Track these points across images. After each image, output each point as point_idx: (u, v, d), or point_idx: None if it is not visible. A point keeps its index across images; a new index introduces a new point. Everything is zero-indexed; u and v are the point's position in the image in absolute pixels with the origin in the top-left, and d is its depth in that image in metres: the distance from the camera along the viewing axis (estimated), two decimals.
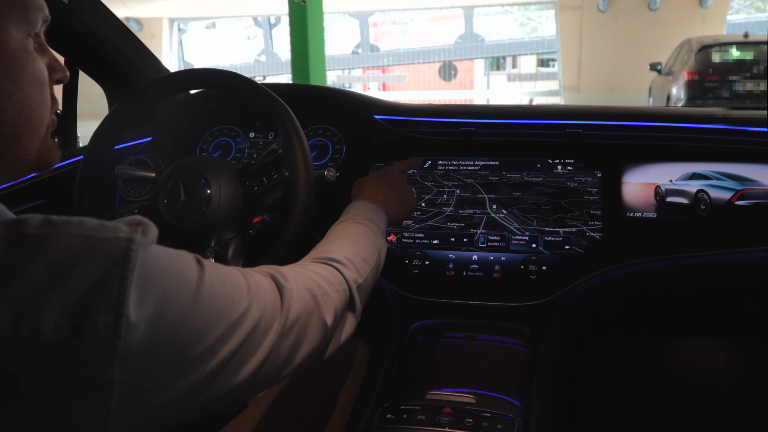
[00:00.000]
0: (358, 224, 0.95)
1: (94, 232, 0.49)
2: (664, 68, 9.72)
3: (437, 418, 0.93)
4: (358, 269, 0.84)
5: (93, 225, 0.50)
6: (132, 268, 0.48)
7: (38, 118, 0.60)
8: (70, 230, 0.49)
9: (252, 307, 0.60)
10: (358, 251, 0.87)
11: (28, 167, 0.62)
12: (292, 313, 0.66)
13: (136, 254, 0.49)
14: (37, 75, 0.60)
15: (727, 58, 8.33)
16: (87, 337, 0.45)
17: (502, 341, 1.14)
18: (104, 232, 0.50)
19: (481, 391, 0.99)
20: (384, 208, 1.02)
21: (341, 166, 1.36)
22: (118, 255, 0.48)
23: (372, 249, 0.91)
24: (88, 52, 1.41)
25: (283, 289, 0.67)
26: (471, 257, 1.25)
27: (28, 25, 0.60)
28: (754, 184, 1.22)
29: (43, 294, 0.45)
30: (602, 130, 1.32)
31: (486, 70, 26.49)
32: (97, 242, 0.49)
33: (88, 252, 0.48)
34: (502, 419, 0.93)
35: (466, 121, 1.37)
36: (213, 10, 19.31)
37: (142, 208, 1.15)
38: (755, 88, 7.97)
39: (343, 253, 0.84)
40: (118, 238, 0.49)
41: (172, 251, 0.55)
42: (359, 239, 0.91)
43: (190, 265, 0.56)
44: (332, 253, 0.84)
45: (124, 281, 0.47)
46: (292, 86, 1.63)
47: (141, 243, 0.50)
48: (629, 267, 1.21)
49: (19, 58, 0.58)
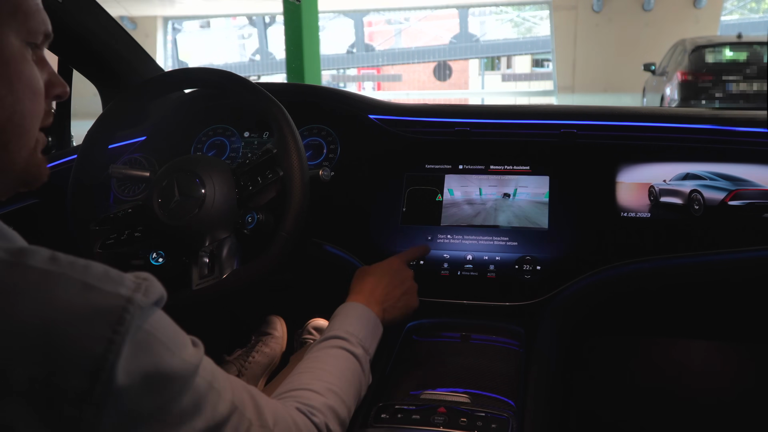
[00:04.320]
0: (348, 356, 0.89)
1: (96, 282, 0.48)
2: (658, 68, 9.76)
3: (432, 417, 0.93)
4: (340, 421, 0.79)
5: (97, 273, 0.48)
6: (123, 332, 0.46)
7: (28, 126, 0.59)
8: (73, 274, 0.47)
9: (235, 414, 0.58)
10: (342, 398, 0.81)
11: (15, 179, 0.60)
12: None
13: (132, 318, 0.47)
14: (32, 83, 0.60)
15: (720, 59, 8.37)
16: (57, 398, 0.44)
17: (497, 341, 1.14)
18: (106, 283, 0.48)
19: (476, 390, 0.99)
20: (380, 311, 1.00)
21: (336, 166, 1.36)
22: (113, 315, 0.46)
23: (356, 392, 0.86)
24: (82, 51, 1.41)
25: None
26: (465, 257, 1.25)
27: (28, 34, 0.60)
28: (748, 184, 1.23)
29: (26, 335, 0.44)
30: (596, 130, 1.32)
31: (481, 70, 26.53)
32: (96, 295, 0.47)
33: (84, 303, 0.46)
34: (497, 419, 0.93)
35: (460, 121, 1.37)
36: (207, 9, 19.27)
37: (136, 208, 1.15)
38: (749, 88, 8.01)
39: (325, 400, 0.78)
40: (118, 296, 0.48)
41: (173, 325, 0.53)
42: (348, 381, 0.85)
43: (186, 343, 0.54)
44: (312, 400, 0.77)
45: (111, 345, 0.45)
46: (287, 86, 1.63)
47: (140, 305, 0.48)
48: (623, 267, 1.22)
49: (15, 64, 0.58)
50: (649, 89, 10.36)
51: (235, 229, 1.10)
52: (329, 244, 1.32)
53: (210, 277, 1.05)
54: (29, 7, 0.60)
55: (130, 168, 1.23)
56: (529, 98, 19.02)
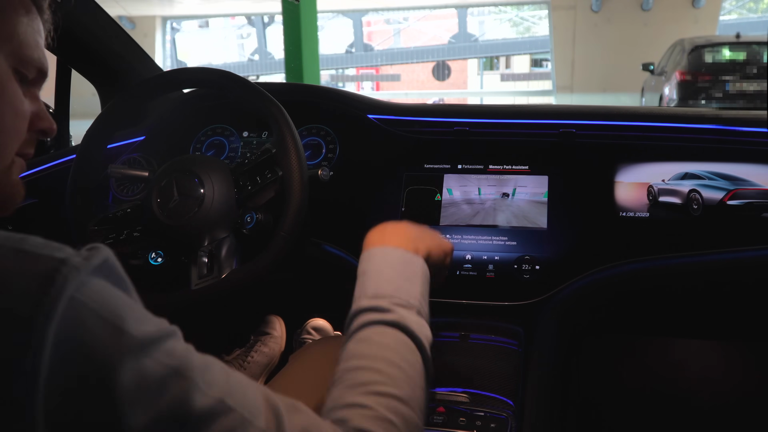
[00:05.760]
0: (395, 332, 0.68)
1: (31, 248, 0.44)
2: (657, 68, 9.77)
3: (431, 417, 0.93)
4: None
5: (36, 242, 0.45)
6: (55, 294, 0.41)
7: (4, 142, 0.59)
8: (6, 243, 0.44)
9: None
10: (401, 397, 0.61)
11: None
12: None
13: (66, 280, 0.42)
14: (14, 103, 0.60)
15: (719, 59, 8.38)
16: None
17: (496, 340, 1.14)
18: (43, 249, 0.44)
19: (475, 390, 0.99)
20: (417, 250, 0.80)
21: (335, 166, 1.36)
22: (44, 277, 0.42)
23: (414, 382, 0.65)
24: (81, 51, 1.41)
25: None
26: (464, 257, 1.25)
27: (19, 62, 0.61)
28: (746, 183, 1.23)
29: None
30: (595, 129, 1.32)
31: (479, 70, 26.55)
32: (29, 258, 0.43)
33: (14, 268, 0.42)
34: (496, 418, 0.93)
35: (459, 121, 1.37)
36: (206, 9, 19.26)
37: (135, 208, 1.15)
38: (747, 88, 8.01)
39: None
40: (52, 258, 0.43)
41: (122, 297, 0.46)
42: (403, 371, 0.64)
43: (137, 318, 0.46)
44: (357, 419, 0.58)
45: (39, 306, 0.41)
46: (286, 85, 1.63)
47: (76, 266, 0.43)
48: (622, 266, 1.22)
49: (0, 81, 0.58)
50: (647, 89, 10.37)
51: (234, 228, 1.10)
52: (328, 244, 1.32)
53: (209, 277, 1.05)
54: (27, 39, 0.61)
55: (129, 168, 1.23)
56: (528, 98, 19.03)
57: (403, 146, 1.37)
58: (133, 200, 1.21)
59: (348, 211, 1.34)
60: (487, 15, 24.53)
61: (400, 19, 25.16)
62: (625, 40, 14.74)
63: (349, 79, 26.14)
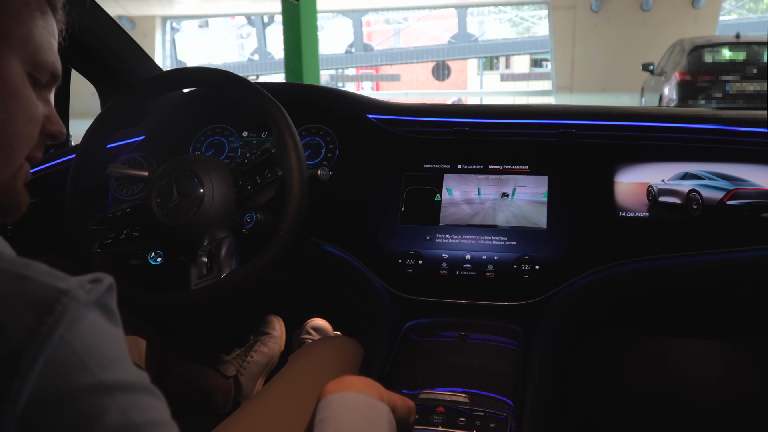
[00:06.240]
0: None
1: (34, 275, 0.43)
2: (657, 68, 9.77)
3: (430, 417, 0.93)
4: None
5: (40, 268, 0.43)
6: (52, 324, 0.40)
7: (16, 147, 0.59)
8: (11, 267, 0.43)
9: None
10: None
11: None
12: None
13: (66, 309, 0.41)
14: (28, 107, 0.60)
15: (719, 59, 8.38)
16: None
17: (496, 340, 1.14)
18: (46, 277, 0.43)
19: (474, 390, 0.99)
20: (377, 395, 0.67)
21: (334, 166, 1.36)
22: (43, 306, 0.41)
23: None
24: (81, 51, 1.40)
25: None
26: (464, 257, 1.25)
27: (33, 66, 0.60)
28: (746, 183, 1.23)
29: None
30: (595, 129, 1.32)
31: (479, 70, 26.55)
32: (30, 285, 0.42)
33: (14, 293, 0.41)
34: (495, 418, 0.93)
35: (459, 121, 1.37)
36: (206, 8, 19.27)
37: (134, 207, 1.15)
38: (747, 88, 8.02)
39: None
40: (54, 288, 0.42)
41: (112, 340, 0.44)
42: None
43: (117, 365, 0.44)
44: None
45: (34, 334, 0.40)
46: (286, 85, 1.63)
47: (77, 298, 0.42)
48: (622, 266, 1.22)
49: (14, 85, 0.58)
50: (647, 89, 10.37)
51: (234, 228, 1.10)
52: (328, 244, 1.32)
53: (208, 277, 1.05)
54: (42, 43, 0.61)
55: (129, 167, 1.23)
56: (528, 98, 19.03)
57: (402, 146, 1.37)
58: (133, 200, 1.21)
59: (348, 211, 1.34)
60: (486, 15, 24.53)
61: (400, 19, 25.16)
62: (624, 41, 14.75)
63: (349, 79, 26.15)
